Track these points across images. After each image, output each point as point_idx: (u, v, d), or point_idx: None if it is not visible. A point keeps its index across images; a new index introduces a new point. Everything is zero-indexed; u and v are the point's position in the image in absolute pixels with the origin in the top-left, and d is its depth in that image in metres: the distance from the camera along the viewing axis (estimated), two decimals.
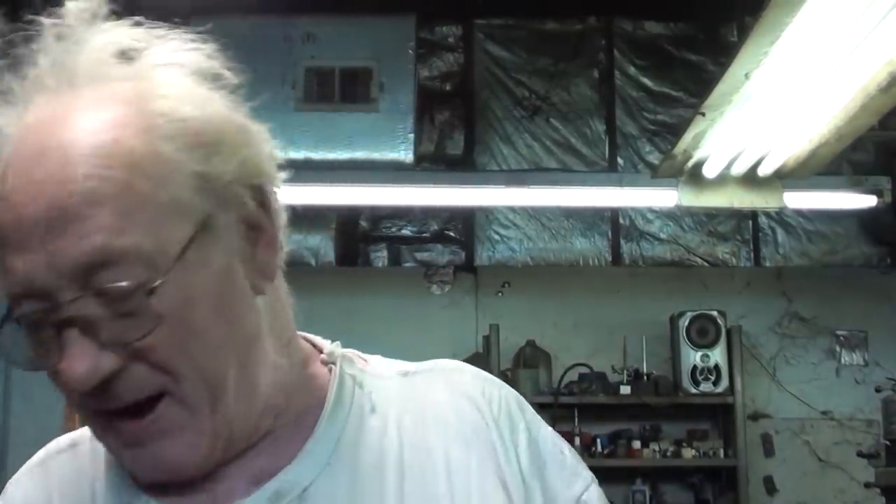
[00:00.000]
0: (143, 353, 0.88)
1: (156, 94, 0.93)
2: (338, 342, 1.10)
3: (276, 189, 1.00)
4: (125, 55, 0.94)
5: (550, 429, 1.09)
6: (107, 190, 0.86)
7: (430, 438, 1.02)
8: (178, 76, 0.95)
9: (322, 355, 1.07)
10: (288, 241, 1.01)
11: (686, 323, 5.91)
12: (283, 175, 1.01)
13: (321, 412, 1.01)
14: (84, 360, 0.86)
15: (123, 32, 0.95)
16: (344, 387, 1.04)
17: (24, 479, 1.04)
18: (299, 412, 1.01)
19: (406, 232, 6.48)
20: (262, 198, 0.97)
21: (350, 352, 1.11)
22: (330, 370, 1.06)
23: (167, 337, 0.88)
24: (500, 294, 6.32)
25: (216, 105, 0.96)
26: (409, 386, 1.07)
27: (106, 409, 0.90)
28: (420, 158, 5.87)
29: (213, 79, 0.97)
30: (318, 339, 1.10)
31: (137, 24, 0.96)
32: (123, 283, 0.86)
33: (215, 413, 0.92)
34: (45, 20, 0.93)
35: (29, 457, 1.06)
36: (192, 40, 0.97)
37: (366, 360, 1.10)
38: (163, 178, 0.89)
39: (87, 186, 0.86)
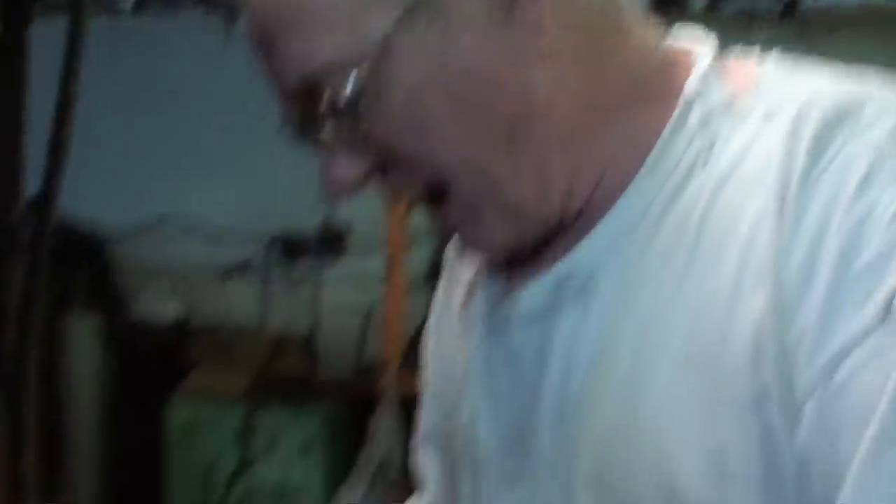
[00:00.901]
0: (389, 153, 0.82)
1: None
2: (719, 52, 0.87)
3: None
4: None
5: None
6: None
7: (737, 208, 0.77)
8: None
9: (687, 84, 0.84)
10: None
11: None
12: None
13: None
14: (338, 168, 0.83)
15: None
16: (676, 138, 0.82)
17: None
18: (627, 172, 0.83)
19: None
20: None
21: (738, 60, 0.87)
22: None
23: (401, 134, 0.80)
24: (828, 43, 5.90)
25: None
26: (760, 134, 0.79)
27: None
28: None
29: None
30: (698, 49, 0.87)
31: None
32: (338, 94, 0.79)
33: (497, 202, 0.83)
34: None
35: None
36: None
37: (755, 80, 0.84)
38: None
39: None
